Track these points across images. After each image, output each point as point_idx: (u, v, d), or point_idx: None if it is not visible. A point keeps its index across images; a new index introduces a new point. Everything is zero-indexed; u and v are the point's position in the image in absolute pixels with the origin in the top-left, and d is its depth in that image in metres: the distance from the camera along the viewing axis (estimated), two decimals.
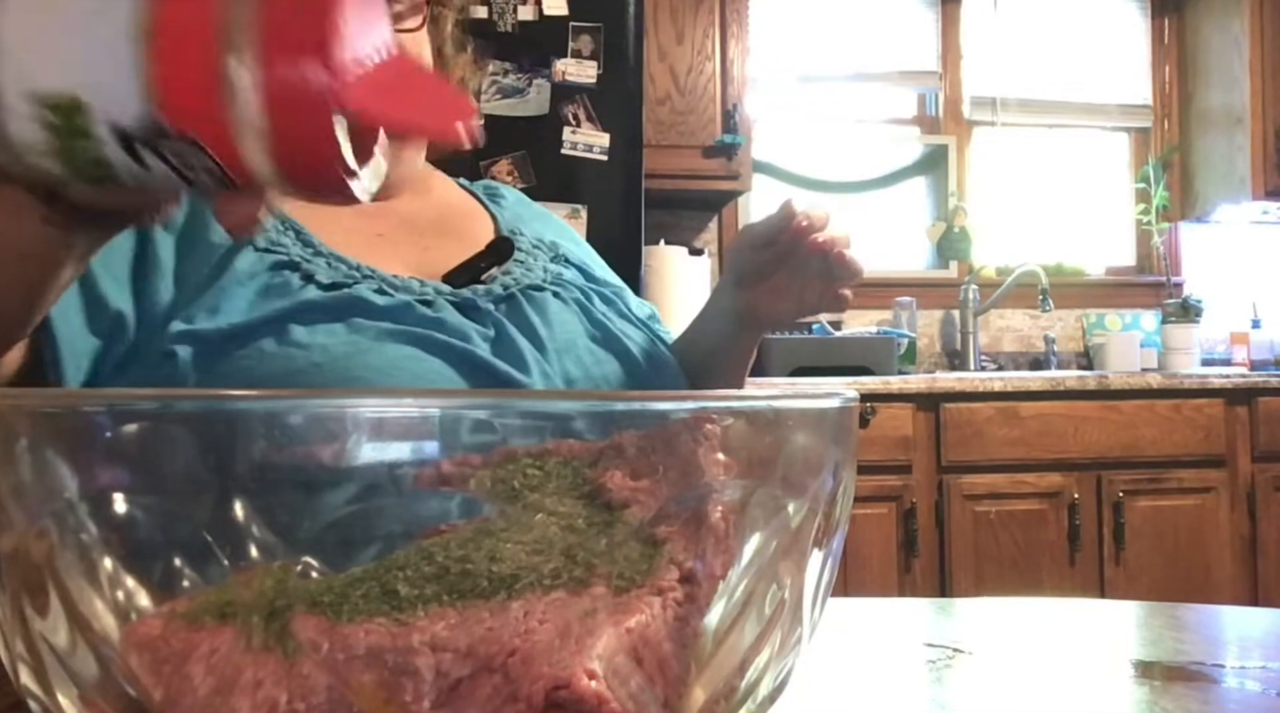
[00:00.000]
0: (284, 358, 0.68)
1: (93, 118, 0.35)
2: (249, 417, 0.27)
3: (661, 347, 0.89)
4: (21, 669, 0.29)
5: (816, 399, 0.32)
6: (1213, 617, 0.65)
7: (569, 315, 0.82)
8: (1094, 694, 0.47)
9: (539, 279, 0.84)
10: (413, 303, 0.75)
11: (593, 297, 0.86)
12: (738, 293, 0.87)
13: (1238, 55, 3.00)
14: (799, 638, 0.32)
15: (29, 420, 0.28)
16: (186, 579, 0.27)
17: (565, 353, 0.79)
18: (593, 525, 0.29)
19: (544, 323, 0.80)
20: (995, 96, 3.24)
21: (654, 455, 0.30)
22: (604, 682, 0.26)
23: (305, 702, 0.26)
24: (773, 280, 0.84)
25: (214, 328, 0.69)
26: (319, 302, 0.72)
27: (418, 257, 0.83)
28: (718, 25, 2.67)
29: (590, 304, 0.85)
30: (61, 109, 0.35)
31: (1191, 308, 3.04)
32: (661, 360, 0.86)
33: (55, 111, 0.35)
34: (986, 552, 2.42)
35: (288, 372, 0.67)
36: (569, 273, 0.89)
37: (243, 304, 0.71)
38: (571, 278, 0.88)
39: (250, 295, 0.72)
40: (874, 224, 3.15)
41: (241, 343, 0.69)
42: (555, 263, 0.89)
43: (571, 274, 0.89)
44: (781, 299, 0.85)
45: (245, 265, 0.73)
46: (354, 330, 0.71)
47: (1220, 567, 2.51)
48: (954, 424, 2.44)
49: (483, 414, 0.28)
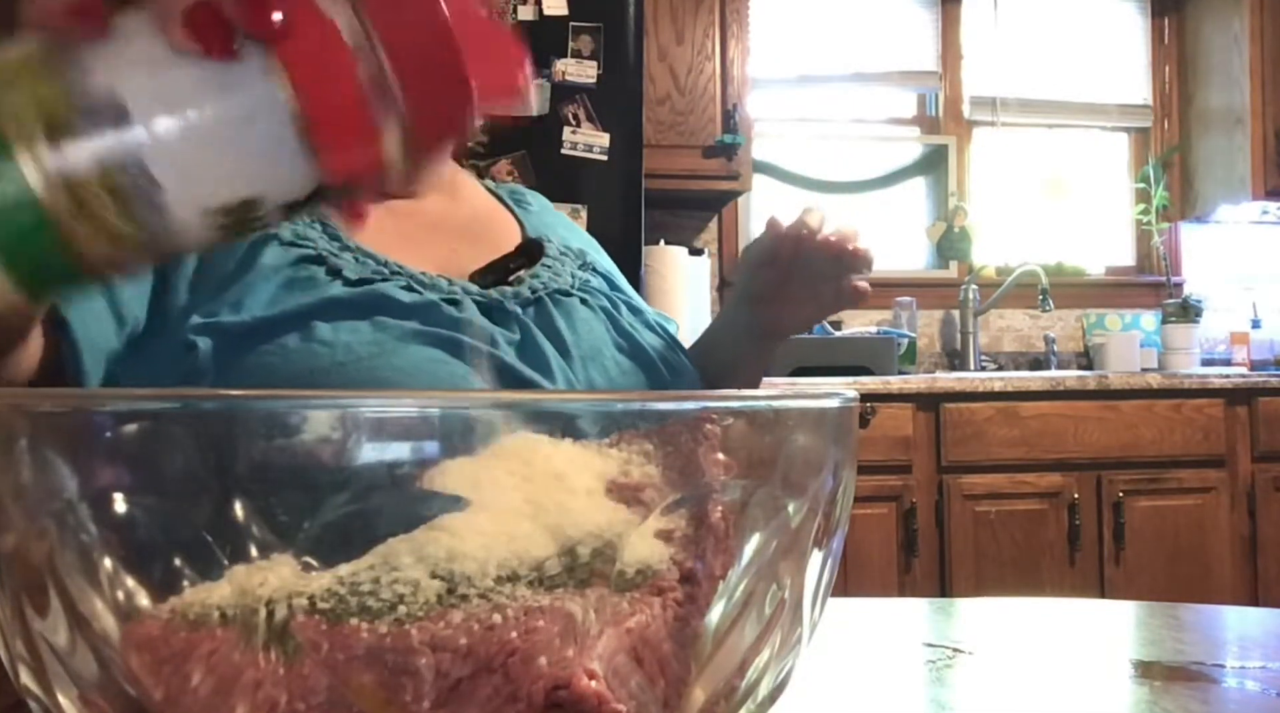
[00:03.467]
0: (308, 355, 0.67)
1: (265, 207, 0.36)
2: (249, 417, 0.27)
3: (684, 358, 0.88)
4: (21, 669, 0.29)
5: (816, 399, 0.32)
6: (1213, 617, 0.65)
7: (595, 322, 0.82)
8: (1094, 694, 0.47)
9: (567, 284, 0.83)
10: (439, 302, 0.74)
11: (619, 305, 0.86)
12: (755, 310, 0.87)
13: (1238, 55, 3.00)
14: (799, 638, 0.32)
15: (29, 420, 0.28)
16: (186, 579, 0.27)
17: (590, 360, 0.78)
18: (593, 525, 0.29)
19: (570, 329, 0.79)
20: (995, 96, 3.24)
21: (654, 455, 0.30)
22: (604, 682, 0.26)
23: (305, 702, 0.26)
24: (787, 291, 0.84)
25: (237, 321, 0.68)
26: (344, 298, 0.71)
27: (444, 258, 0.82)
28: (718, 25, 2.67)
29: (617, 312, 0.84)
30: (235, 211, 0.36)
31: (1191, 308, 3.04)
32: (684, 371, 0.86)
33: (229, 215, 0.36)
34: (986, 552, 2.42)
35: (311, 370, 0.66)
36: (596, 281, 0.88)
37: (266, 298, 0.70)
38: (599, 286, 0.87)
39: (274, 289, 0.71)
40: (874, 224, 3.15)
41: (265, 337, 0.68)
42: (583, 270, 0.89)
43: (599, 282, 0.88)
44: (801, 307, 0.85)
45: (270, 259, 0.73)
46: (379, 329, 0.70)
47: (1220, 567, 2.51)
48: (954, 424, 2.44)
49: (483, 414, 0.28)
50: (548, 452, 0.28)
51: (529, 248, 0.85)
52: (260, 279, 0.71)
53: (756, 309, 0.87)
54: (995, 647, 0.55)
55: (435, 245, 0.83)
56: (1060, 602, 0.67)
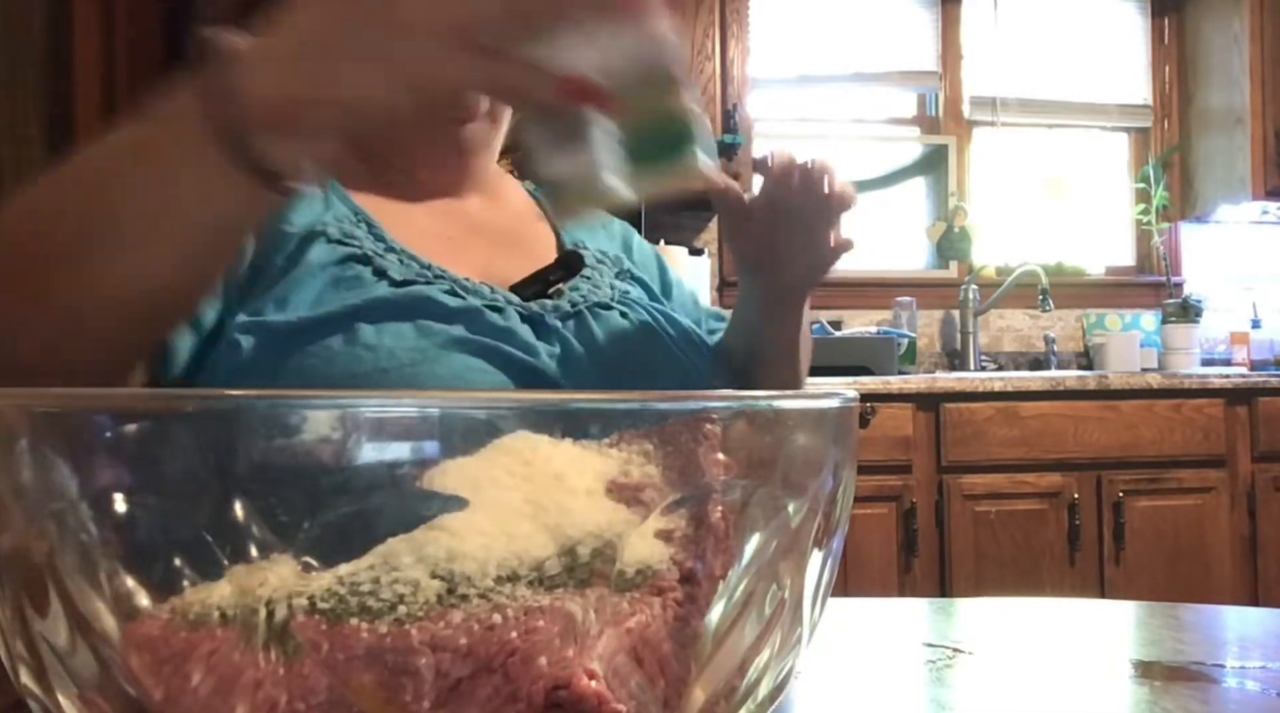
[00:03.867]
0: (351, 359, 0.67)
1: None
2: (249, 417, 0.27)
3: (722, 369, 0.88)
4: (21, 669, 0.29)
5: (816, 399, 0.32)
6: (1213, 617, 0.65)
7: (635, 335, 0.82)
8: (1094, 694, 0.47)
9: (606, 297, 0.83)
10: (482, 309, 0.74)
11: (658, 317, 0.85)
12: (754, 279, 0.86)
13: (1238, 55, 3.00)
14: (799, 638, 0.32)
15: (29, 420, 0.28)
16: (186, 579, 0.27)
17: (631, 374, 0.78)
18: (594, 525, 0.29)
19: (610, 342, 0.79)
20: (995, 96, 3.24)
21: (654, 455, 0.30)
22: (604, 682, 0.26)
23: (305, 702, 0.26)
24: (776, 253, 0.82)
25: (282, 320, 0.68)
26: (389, 299, 0.71)
27: (483, 264, 0.82)
28: (718, 25, 2.67)
29: (655, 324, 0.84)
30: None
31: (1191, 308, 3.04)
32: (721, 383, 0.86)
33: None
34: (986, 552, 2.42)
35: (354, 375, 0.66)
36: (635, 290, 0.88)
37: (311, 296, 0.70)
38: (637, 297, 0.87)
39: (320, 287, 0.71)
40: (874, 224, 3.15)
41: (310, 338, 0.68)
42: (620, 278, 0.88)
43: (637, 292, 0.88)
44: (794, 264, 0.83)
45: (317, 256, 0.73)
46: (422, 334, 0.70)
47: (1220, 567, 2.51)
48: (954, 424, 2.44)
49: (483, 414, 0.28)
50: (548, 452, 0.28)
51: (568, 260, 0.85)
52: (307, 276, 0.71)
53: (755, 278, 0.86)
54: (995, 647, 0.55)
55: (474, 251, 0.83)
56: (1060, 602, 0.67)
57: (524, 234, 0.90)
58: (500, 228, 0.88)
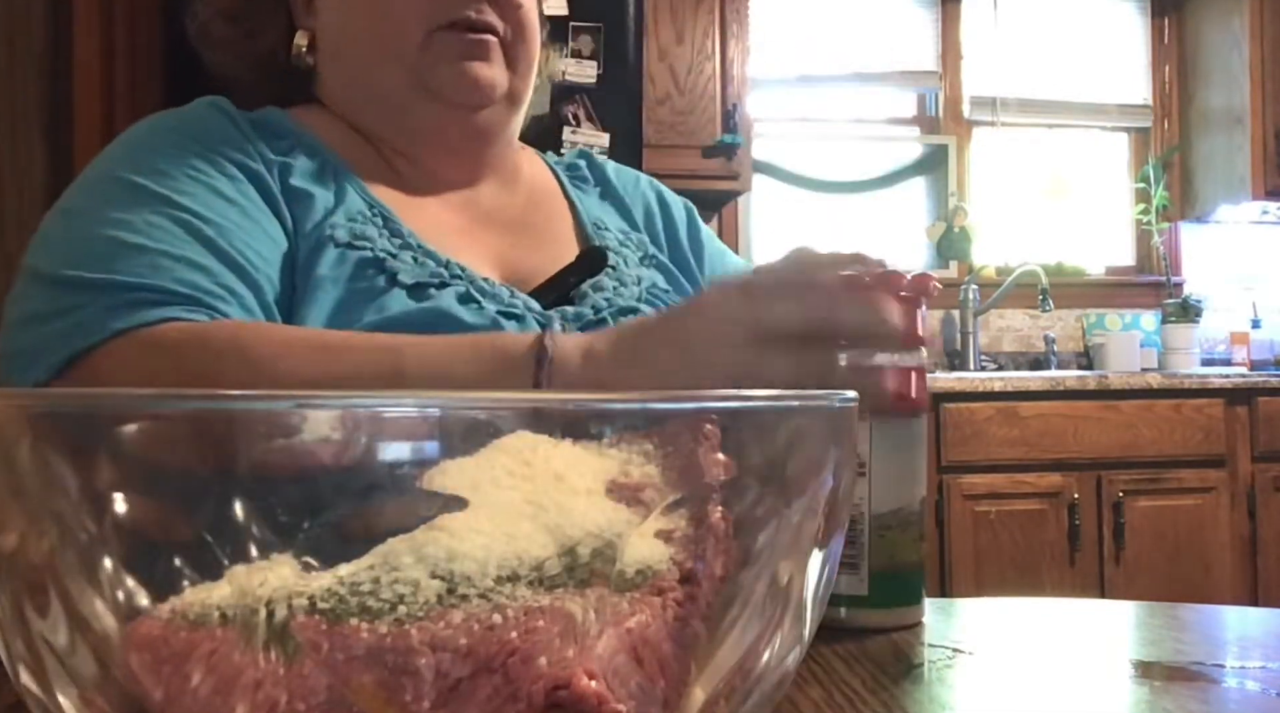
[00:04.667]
0: None
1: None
2: (249, 417, 0.27)
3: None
4: (21, 669, 0.29)
5: (816, 399, 0.32)
6: (1213, 617, 0.65)
7: None
8: (1094, 694, 0.47)
9: (632, 297, 0.82)
10: (500, 320, 0.73)
11: None
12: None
13: (1238, 55, 3.00)
14: (799, 638, 0.32)
15: (29, 421, 0.28)
16: (186, 579, 0.27)
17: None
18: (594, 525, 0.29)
19: None
20: (995, 96, 3.24)
21: (654, 455, 0.30)
22: (604, 682, 0.26)
23: (305, 702, 0.26)
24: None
25: None
26: (404, 317, 0.70)
27: (500, 254, 0.81)
28: (718, 25, 2.67)
29: None
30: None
31: (1191, 308, 3.04)
32: None
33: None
34: (986, 552, 2.42)
35: None
36: (659, 278, 0.86)
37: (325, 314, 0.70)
38: (662, 287, 0.86)
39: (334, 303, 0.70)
40: (874, 224, 3.15)
41: None
42: (644, 264, 0.87)
43: (662, 281, 0.87)
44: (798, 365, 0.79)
45: (328, 267, 0.72)
46: None
47: (1220, 567, 2.51)
48: (954, 424, 2.44)
49: (483, 414, 0.28)
50: (548, 452, 0.28)
51: (590, 257, 0.84)
52: (318, 290, 0.70)
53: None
54: (995, 647, 0.55)
55: (491, 241, 0.82)
56: (1060, 602, 0.67)
57: (542, 222, 0.89)
58: (516, 217, 0.87)
